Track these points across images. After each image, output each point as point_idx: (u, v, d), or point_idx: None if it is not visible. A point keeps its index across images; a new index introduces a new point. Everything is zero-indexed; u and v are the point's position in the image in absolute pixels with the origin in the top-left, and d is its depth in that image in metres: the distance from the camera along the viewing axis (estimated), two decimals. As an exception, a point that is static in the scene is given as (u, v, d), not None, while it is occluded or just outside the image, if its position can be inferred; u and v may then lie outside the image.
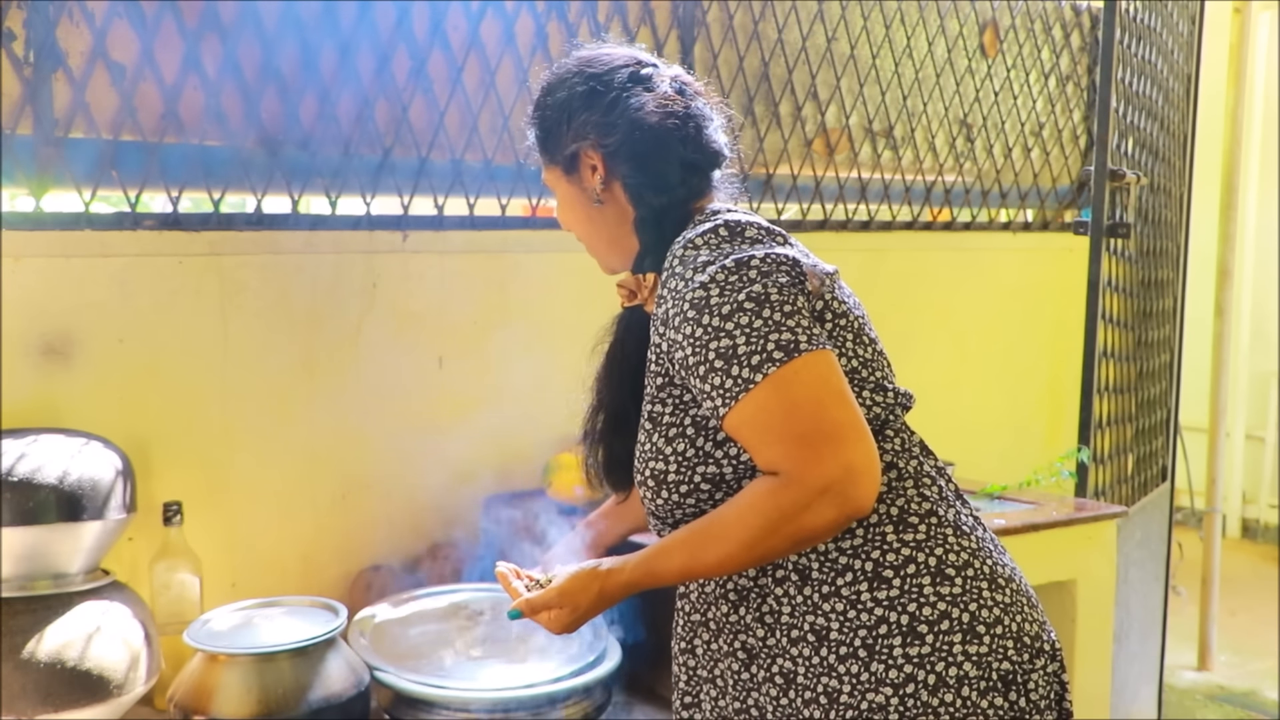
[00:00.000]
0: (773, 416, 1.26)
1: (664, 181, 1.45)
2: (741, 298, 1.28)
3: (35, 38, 1.90)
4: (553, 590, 1.44)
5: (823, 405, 1.26)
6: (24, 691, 1.63)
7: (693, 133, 1.47)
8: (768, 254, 1.32)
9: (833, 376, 1.28)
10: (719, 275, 1.30)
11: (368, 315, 2.24)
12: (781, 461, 1.26)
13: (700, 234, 1.36)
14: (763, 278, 1.30)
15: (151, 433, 2.03)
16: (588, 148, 1.47)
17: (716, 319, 1.29)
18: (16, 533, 1.69)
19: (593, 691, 1.74)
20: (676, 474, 1.37)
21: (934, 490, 1.39)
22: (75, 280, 1.96)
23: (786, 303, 1.29)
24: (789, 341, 1.27)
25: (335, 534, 2.23)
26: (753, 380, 1.26)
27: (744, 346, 1.27)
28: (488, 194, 2.38)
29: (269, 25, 2.08)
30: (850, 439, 1.25)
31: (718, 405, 1.29)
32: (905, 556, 1.34)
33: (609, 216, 1.50)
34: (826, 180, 2.89)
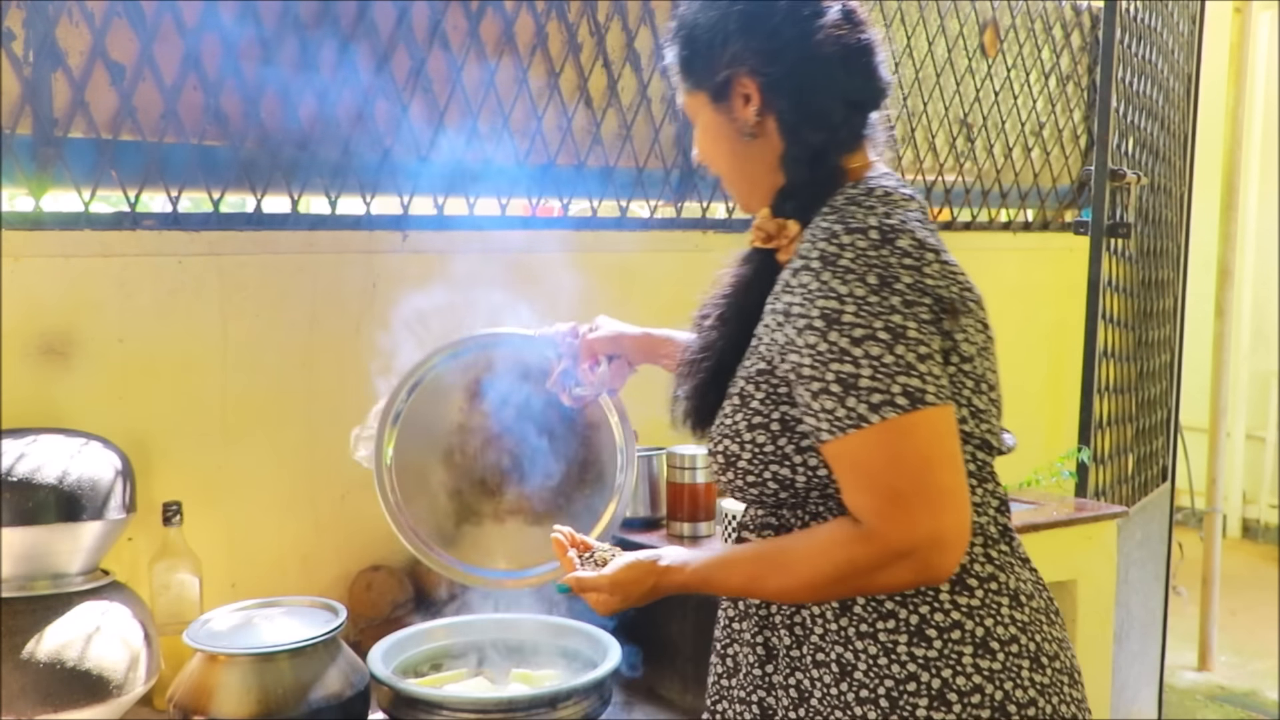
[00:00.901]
0: (875, 463, 1.19)
1: (826, 119, 1.33)
2: (878, 325, 1.19)
3: (35, 37, 1.89)
4: (605, 577, 1.41)
5: (929, 466, 1.19)
6: (24, 691, 1.63)
7: (860, 66, 1.34)
8: (916, 281, 1.22)
9: (948, 436, 1.21)
10: (858, 291, 1.20)
11: (368, 315, 2.24)
12: (869, 513, 1.20)
13: (850, 229, 1.24)
14: (905, 308, 1.20)
15: (151, 433, 2.03)
16: (743, 75, 1.33)
17: (846, 341, 1.19)
18: (16, 533, 1.69)
19: (593, 691, 1.74)
20: (748, 463, 1.32)
21: (1000, 551, 1.32)
22: (75, 280, 1.96)
23: (923, 343, 1.20)
24: (916, 389, 1.18)
25: (335, 534, 2.23)
26: (867, 419, 1.18)
27: (867, 380, 1.18)
28: (488, 194, 2.37)
29: (269, 25, 2.08)
30: (947, 507, 1.19)
31: (821, 429, 1.22)
32: (953, 620, 1.27)
33: (756, 152, 1.37)
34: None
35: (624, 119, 2.54)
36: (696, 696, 1.95)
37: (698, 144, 1.44)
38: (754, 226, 1.39)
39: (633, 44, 2.54)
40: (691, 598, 1.93)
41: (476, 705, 1.68)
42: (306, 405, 2.18)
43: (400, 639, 1.87)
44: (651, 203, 2.63)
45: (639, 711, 1.94)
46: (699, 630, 1.94)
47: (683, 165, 2.66)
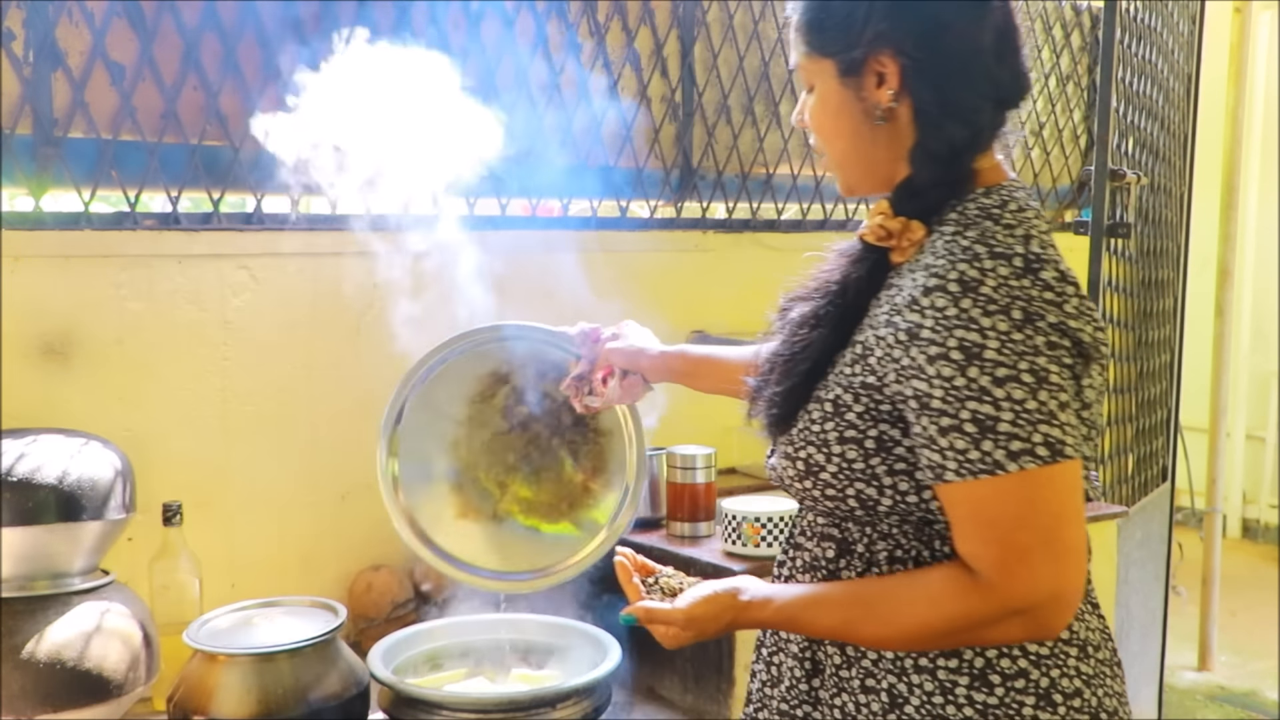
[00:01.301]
0: (1006, 513, 1.11)
1: (973, 115, 1.22)
2: (1023, 367, 1.10)
3: (35, 38, 1.89)
4: (681, 611, 1.32)
5: (1061, 521, 1.12)
6: (24, 691, 1.63)
7: (1011, 58, 1.24)
8: (1060, 321, 1.13)
9: (1078, 491, 1.13)
10: (1001, 325, 1.11)
11: (367, 315, 2.24)
12: (989, 565, 1.12)
13: (993, 253, 1.14)
14: (1050, 349, 1.12)
15: (151, 433, 2.03)
16: (885, 54, 1.21)
17: (988, 379, 1.10)
18: (16, 533, 1.69)
19: (593, 691, 1.74)
20: (832, 476, 1.24)
21: None
22: (75, 280, 1.96)
23: (1064, 390, 1.12)
24: (1057, 440, 1.10)
25: (335, 534, 2.23)
26: (1003, 467, 1.10)
27: (1008, 425, 1.10)
28: (488, 194, 2.37)
29: (269, 25, 2.08)
30: (1071, 564, 1.12)
31: (944, 468, 1.13)
32: (1020, 668, 1.20)
33: (882, 138, 1.25)
34: (826, 180, 2.89)
35: (624, 119, 2.53)
36: (696, 697, 1.95)
37: (811, 113, 1.31)
38: (873, 223, 1.25)
39: (633, 44, 2.54)
40: (691, 598, 1.93)
41: (476, 705, 1.68)
42: (306, 405, 2.19)
43: (400, 639, 1.87)
44: (651, 203, 2.63)
45: (639, 711, 1.94)
46: (699, 630, 1.93)
47: (682, 165, 2.66)
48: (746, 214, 2.78)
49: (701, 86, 2.66)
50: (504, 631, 1.96)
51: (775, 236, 2.79)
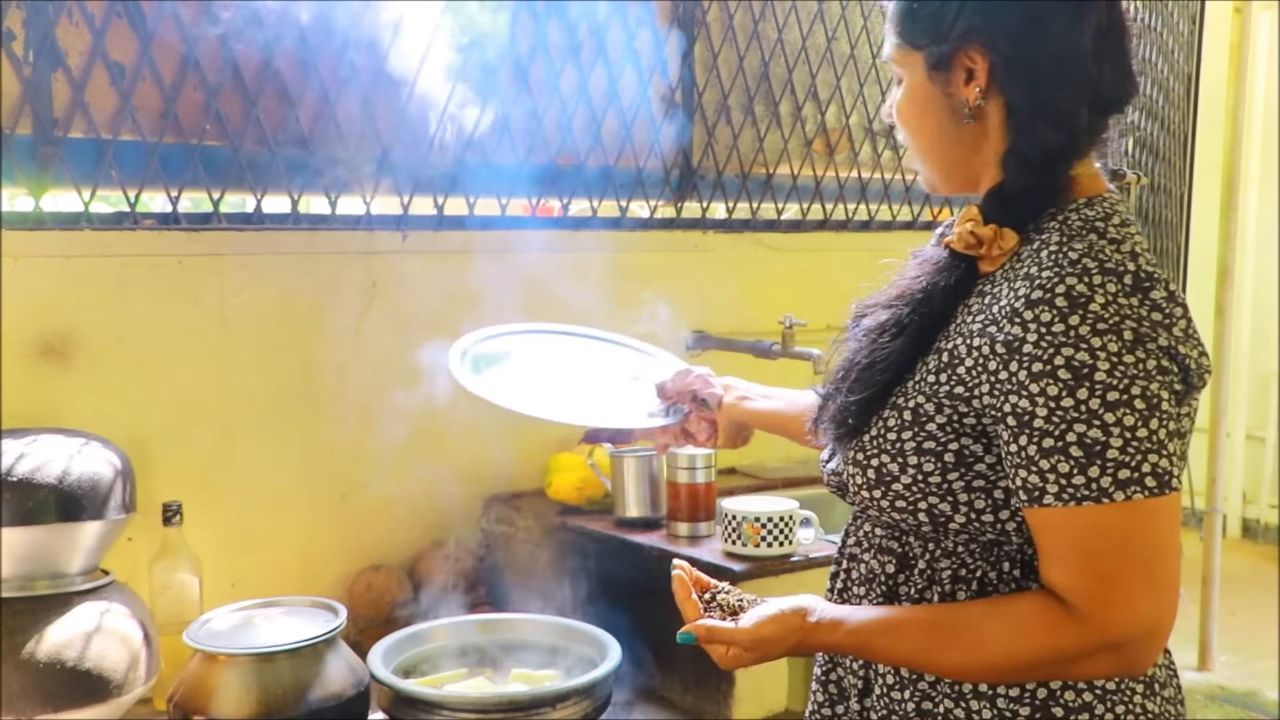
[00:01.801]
0: (1108, 544, 1.06)
1: (1070, 120, 1.15)
2: (1135, 392, 1.05)
3: (35, 38, 1.89)
4: (746, 632, 1.24)
5: (1164, 554, 1.07)
6: (24, 691, 1.63)
7: (1116, 60, 1.16)
8: (1170, 346, 1.08)
9: (1178, 523, 1.09)
10: (1112, 346, 1.05)
11: (368, 315, 2.24)
12: (1084, 597, 1.07)
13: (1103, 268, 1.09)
14: (1161, 374, 1.07)
15: (151, 433, 2.03)
16: (974, 49, 1.16)
17: (1097, 402, 1.05)
18: (16, 533, 1.69)
19: (593, 691, 1.74)
20: (905, 488, 1.18)
21: None
22: (75, 280, 1.96)
23: (1173, 418, 1.08)
24: (1165, 472, 1.06)
25: (335, 534, 2.23)
26: (1110, 495, 1.05)
27: (1117, 453, 1.05)
28: (488, 194, 2.37)
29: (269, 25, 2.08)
30: (1167, 599, 1.07)
31: (1043, 491, 1.08)
32: (1084, 702, 1.15)
33: (969, 138, 1.20)
34: (826, 180, 2.89)
35: (624, 119, 2.53)
36: (697, 697, 1.95)
37: (898, 106, 1.26)
38: (962, 230, 1.20)
39: (633, 44, 2.54)
40: (691, 598, 1.94)
41: (476, 705, 1.68)
42: (306, 405, 2.19)
43: (400, 639, 1.87)
44: (651, 203, 2.63)
45: (639, 711, 1.94)
46: (699, 630, 1.93)
47: (683, 165, 2.66)
48: (746, 214, 2.79)
49: (701, 86, 2.66)
50: (504, 631, 1.96)
51: (775, 236, 2.79)
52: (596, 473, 2.22)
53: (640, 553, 2.05)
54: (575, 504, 2.24)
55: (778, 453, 2.66)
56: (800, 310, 2.49)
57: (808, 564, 1.96)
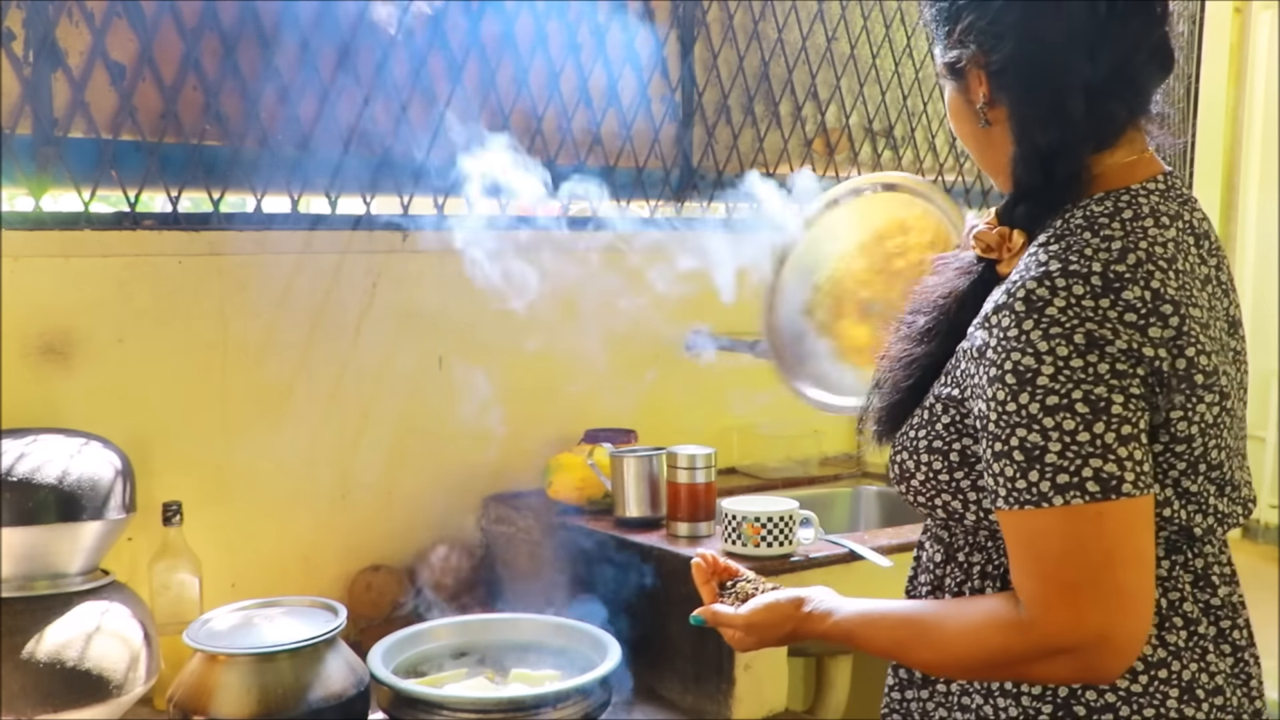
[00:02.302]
0: (1049, 549, 1.06)
1: (1059, 113, 1.14)
2: (1077, 396, 1.04)
3: (35, 37, 1.89)
4: (741, 617, 1.35)
5: (1111, 562, 1.04)
6: (23, 691, 1.63)
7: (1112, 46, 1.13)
8: (1131, 349, 1.06)
9: (1141, 531, 1.06)
10: (1061, 350, 1.05)
11: (368, 315, 2.24)
12: (1032, 601, 1.08)
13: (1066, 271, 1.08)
14: (1114, 378, 1.05)
15: (151, 433, 2.03)
16: (972, 58, 1.19)
17: (1036, 406, 1.05)
18: (16, 533, 1.69)
19: (593, 691, 1.74)
20: (921, 485, 1.23)
21: (1181, 638, 1.17)
22: (75, 280, 1.96)
23: (1127, 422, 1.05)
24: (1111, 476, 1.04)
25: (335, 534, 2.23)
26: (1048, 500, 1.05)
27: (1055, 457, 1.05)
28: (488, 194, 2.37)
29: (269, 25, 2.08)
30: (1123, 609, 1.04)
31: (995, 495, 1.10)
32: (1107, 703, 1.15)
33: (997, 141, 1.22)
34: (826, 180, 2.88)
35: (624, 119, 2.53)
36: (697, 697, 1.95)
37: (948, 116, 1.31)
38: (974, 235, 1.24)
39: (633, 44, 2.54)
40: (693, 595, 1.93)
41: (476, 705, 1.68)
42: (306, 405, 2.18)
43: (400, 639, 1.87)
44: (651, 203, 2.63)
45: (639, 711, 1.94)
46: (699, 630, 1.93)
47: (682, 165, 2.66)
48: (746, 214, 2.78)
49: (701, 86, 2.66)
50: (504, 631, 1.96)
51: (775, 236, 2.79)
52: (596, 473, 2.22)
53: (640, 553, 2.05)
54: (575, 504, 2.24)
55: (778, 453, 2.66)
56: (800, 310, 2.49)
57: (808, 564, 1.96)
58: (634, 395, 2.56)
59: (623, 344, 2.56)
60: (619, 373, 2.55)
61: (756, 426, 2.69)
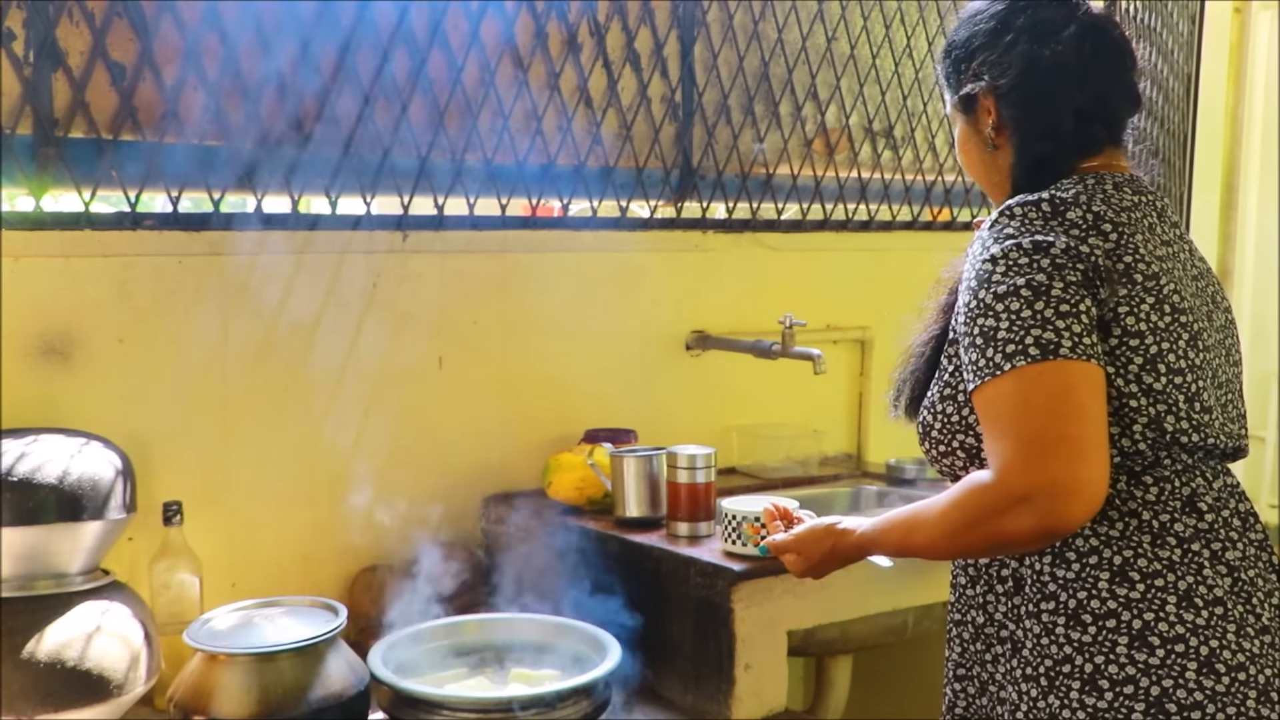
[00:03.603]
0: (1003, 410, 1.24)
1: (1052, 129, 1.41)
2: (1021, 283, 1.25)
3: (35, 37, 1.89)
4: (790, 537, 1.57)
5: (1054, 415, 1.21)
6: (24, 691, 1.63)
7: (1095, 78, 1.40)
8: (1070, 247, 1.27)
9: (1081, 389, 1.22)
10: (1011, 253, 1.28)
11: (368, 315, 2.24)
12: (994, 458, 1.24)
13: (1022, 202, 1.32)
14: (1054, 269, 1.26)
15: (151, 433, 2.03)
16: (984, 90, 1.44)
17: (990, 297, 1.27)
18: (16, 533, 1.69)
19: (593, 691, 1.74)
20: (939, 433, 1.40)
21: (1174, 553, 1.30)
22: (75, 280, 1.96)
23: (1065, 302, 1.24)
24: (1049, 341, 1.22)
25: (335, 534, 2.23)
26: (1000, 368, 1.24)
27: (1004, 332, 1.24)
28: (488, 194, 2.37)
29: (269, 25, 2.08)
30: (1069, 455, 1.19)
31: (969, 381, 1.29)
32: (1110, 609, 1.29)
33: (1000, 163, 1.47)
34: (826, 180, 2.89)
35: (624, 119, 2.54)
36: (697, 697, 1.95)
37: (958, 150, 1.55)
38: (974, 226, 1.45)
39: (633, 44, 2.54)
40: (691, 597, 1.94)
41: (476, 705, 1.69)
42: (306, 405, 2.18)
43: (400, 639, 1.87)
44: (651, 203, 2.63)
45: (639, 711, 1.94)
46: (699, 630, 1.94)
47: (683, 165, 2.66)
48: (746, 214, 2.78)
49: (701, 86, 2.66)
50: (503, 631, 1.96)
51: (775, 236, 2.79)
52: (596, 473, 2.22)
53: (640, 553, 2.05)
54: (575, 504, 2.24)
55: (778, 453, 2.66)
56: (800, 310, 2.49)
57: (808, 564, 1.95)
58: (634, 395, 2.56)
59: (623, 344, 2.56)
60: (619, 373, 2.55)
61: (756, 426, 2.69)
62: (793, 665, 2.06)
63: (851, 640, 2.18)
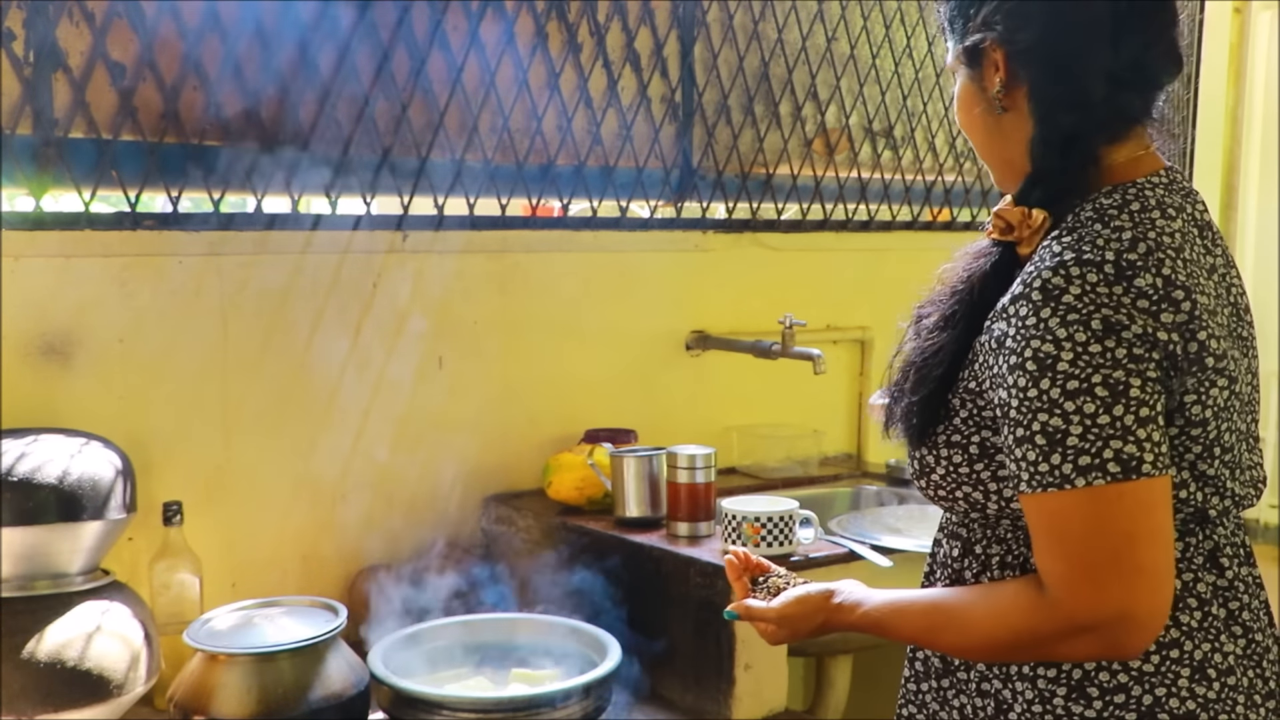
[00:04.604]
0: (1072, 529, 1.09)
1: (1082, 96, 1.19)
2: (1095, 380, 1.07)
3: (35, 38, 1.89)
4: (774, 610, 1.36)
5: (1133, 541, 1.08)
6: (24, 691, 1.63)
7: (1134, 36, 1.18)
8: (1146, 334, 1.09)
9: (1159, 510, 1.09)
10: (1079, 336, 1.08)
11: (368, 315, 2.24)
12: (1056, 581, 1.11)
13: (1080, 261, 1.10)
14: (1132, 362, 1.08)
15: (151, 433, 2.03)
16: (992, 41, 1.22)
17: (1057, 391, 1.08)
18: (16, 533, 1.69)
19: (593, 691, 1.74)
20: (940, 479, 1.25)
21: (1195, 618, 1.20)
22: (75, 280, 1.96)
23: (1145, 405, 1.08)
24: (1131, 457, 1.07)
25: (335, 534, 2.23)
26: (1070, 482, 1.08)
27: (1076, 439, 1.08)
28: (488, 194, 2.37)
29: (269, 25, 2.08)
30: (1144, 586, 1.08)
31: (1019, 479, 1.12)
32: (1119, 683, 1.18)
33: (1009, 129, 1.25)
34: (826, 180, 2.89)
35: (624, 119, 2.54)
36: (697, 696, 1.95)
37: (956, 108, 1.33)
38: (994, 214, 1.26)
39: (633, 44, 2.54)
40: (691, 597, 1.94)
41: (476, 705, 1.69)
42: (306, 405, 2.19)
43: (400, 639, 1.87)
44: (651, 203, 2.63)
45: (639, 711, 1.94)
46: (699, 630, 1.94)
47: (682, 165, 2.66)
48: (746, 214, 2.78)
49: (701, 86, 2.66)
50: (504, 631, 1.96)
51: (775, 236, 2.79)
52: (596, 473, 2.22)
53: (640, 553, 2.05)
54: (575, 504, 2.24)
55: (778, 453, 2.66)
56: (800, 310, 2.49)
57: (808, 564, 1.96)
58: (634, 395, 2.56)
59: (623, 344, 2.56)
60: (619, 373, 2.56)
61: (756, 426, 2.69)
62: (793, 665, 2.06)
63: (851, 640, 2.18)
